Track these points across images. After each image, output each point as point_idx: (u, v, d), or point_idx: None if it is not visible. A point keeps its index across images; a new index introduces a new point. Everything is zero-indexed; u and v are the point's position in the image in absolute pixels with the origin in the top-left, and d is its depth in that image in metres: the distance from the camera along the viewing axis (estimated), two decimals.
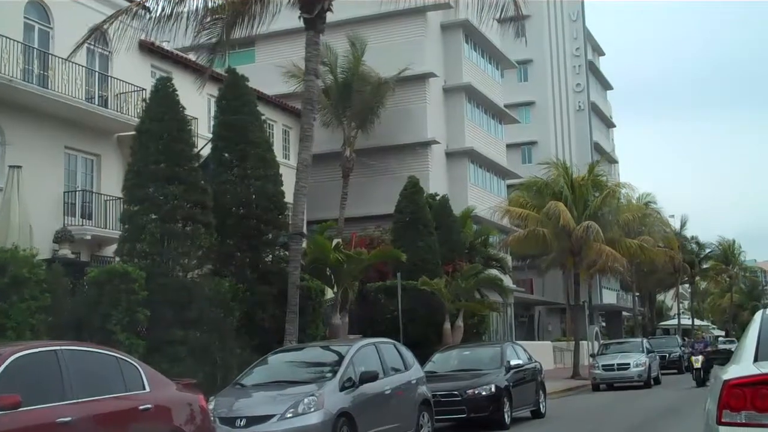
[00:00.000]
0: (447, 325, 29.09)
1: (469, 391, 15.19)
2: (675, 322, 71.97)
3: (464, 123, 42.41)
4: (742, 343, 5.98)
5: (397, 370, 12.34)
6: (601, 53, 74.22)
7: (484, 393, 15.22)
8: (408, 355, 13.03)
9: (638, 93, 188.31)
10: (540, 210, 35.19)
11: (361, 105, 36.99)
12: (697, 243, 71.87)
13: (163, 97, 19.48)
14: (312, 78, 17.38)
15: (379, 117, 37.57)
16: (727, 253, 76.46)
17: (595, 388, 29.21)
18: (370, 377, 11.10)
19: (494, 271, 38.08)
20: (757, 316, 6.28)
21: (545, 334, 59.63)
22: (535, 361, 18.99)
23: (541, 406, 17.95)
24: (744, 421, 5.04)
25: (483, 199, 42.49)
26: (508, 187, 48.52)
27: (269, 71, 38.52)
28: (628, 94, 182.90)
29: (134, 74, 28.13)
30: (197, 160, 20.89)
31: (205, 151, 22.95)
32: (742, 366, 5.46)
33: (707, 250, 74.37)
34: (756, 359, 5.49)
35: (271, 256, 21.83)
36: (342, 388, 10.73)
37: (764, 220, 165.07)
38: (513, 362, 16.51)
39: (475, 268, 29.64)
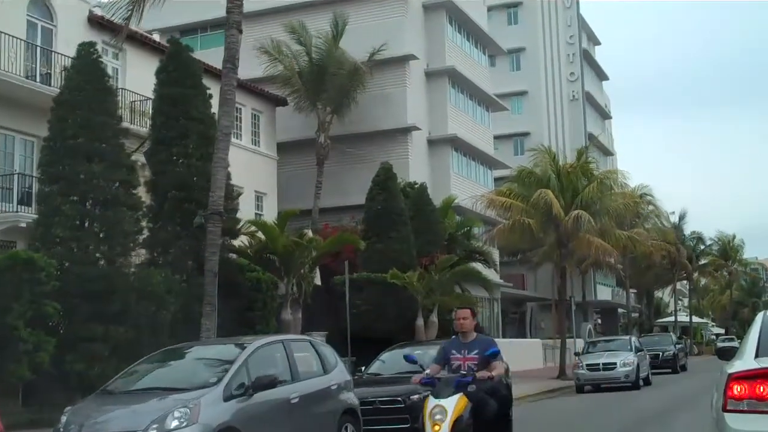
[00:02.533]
0: (419, 322, 27.04)
1: (414, 397, 12.90)
2: (673, 319, 69.91)
3: (447, 109, 40.21)
4: (745, 341, 6.62)
5: (312, 373, 10.21)
6: (596, 42, 71.96)
7: None
8: (329, 354, 10.86)
9: (640, 91, 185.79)
10: (527, 200, 32.91)
11: (336, 88, 34.87)
12: (699, 238, 69.71)
13: (85, 65, 17.44)
14: (234, 32, 15.25)
15: (355, 101, 35.46)
16: (727, 249, 74.21)
17: (579, 389, 27.01)
18: (266, 383, 8.96)
19: (477, 265, 36.03)
20: (759, 317, 6.91)
21: (537, 331, 57.51)
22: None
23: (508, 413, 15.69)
24: (746, 409, 5.73)
25: (468, 189, 40.29)
26: (499, 180, 46.30)
27: (242, 54, 36.19)
28: (630, 92, 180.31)
29: None
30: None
31: None
32: (745, 361, 6.12)
33: (703, 246, 72.11)
34: (757, 355, 6.15)
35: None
36: (229, 397, 8.59)
37: (766, 219, 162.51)
38: None
39: (450, 260, 27.51)
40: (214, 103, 25.56)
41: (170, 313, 18.00)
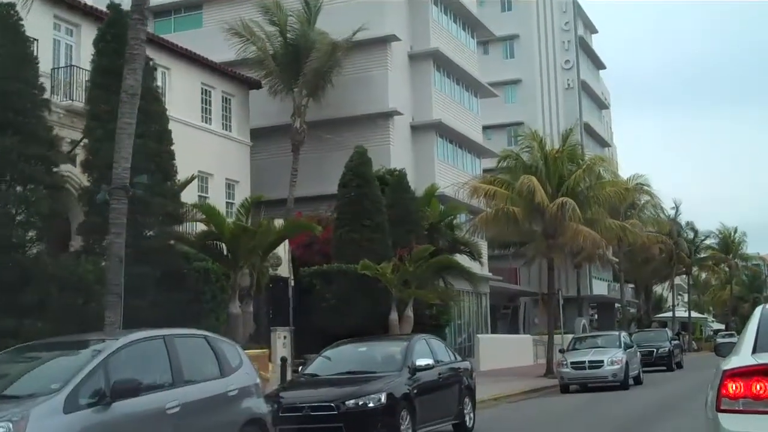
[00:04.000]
0: (393, 316, 25.20)
1: (350, 402, 11.08)
2: (671, 314, 68.06)
3: (431, 93, 38.29)
4: (742, 336, 6.25)
5: (204, 376, 8.37)
6: (593, 30, 69.95)
7: (370, 404, 11.08)
8: (232, 354, 9.00)
9: (641, 88, 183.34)
10: (512, 187, 31.04)
11: (312, 71, 33.00)
12: (693, 229, 67.69)
13: (1, 28, 15.58)
14: None
15: (332, 84, 33.61)
16: (728, 242, 72.26)
17: (564, 389, 25.13)
18: (129, 388, 7.14)
19: (462, 257, 34.22)
20: (757, 311, 6.56)
21: (531, 327, 55.69)
22: (462, 360, 14.86)
23: (467, 418, 13.80)
24: (741, 408, 5.36)
25: (454, 178, 38.27)
26: (490, 170, 44.35)
27: (217, 37, 34.57)
28: (631, 89, 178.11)
29: (32, 25, 24.03)
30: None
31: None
32: (741, 357, 5.79)
33: (703, 238, 70.19)
34: (754, 351, 5.81)
35: (155, 230, 17.94)
36: (74, 408, 6.77)
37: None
38: (420, 362, 12.35)
39: (427, 250, 25.63)
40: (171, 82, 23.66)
41: (101, 305, 16.13)
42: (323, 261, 28.27)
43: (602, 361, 24.51)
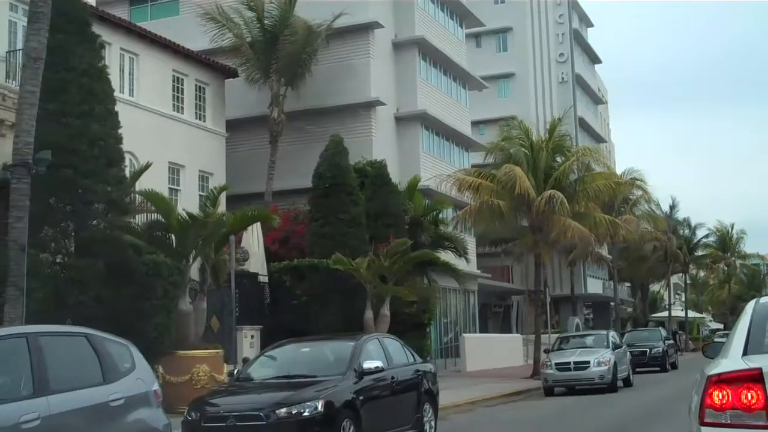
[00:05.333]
0: (369, 314, 23.79)
1: (281, 411, 9.63)
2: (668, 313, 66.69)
3: (417, 83, 36.84)
4: (732, 335, 5.52)
5: (81, 383, 6.98)
6: (589, 24, 68.50)
7: (305, 413, 9.64)
8: (121, 356, 7.58)
9: (641, 87, 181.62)
10: (497, 180, 29.63)
11: (290, 57, 31.59)
12: (689, 225, 66.25)
13: None
14: None
15: (311, 72, 32.19)
16: (725, 239, 70.84)
17: (548, 391, 23.67)
18: None
19: (447, 253, 32.84)
20: (749, 307, 5.78)
21: (524, 326, 54.33)
22: (422, 362, 13.37)
23: (427, 427, 12.34)
24: (728, 422, 4.67)
25: (440, 171, 36.79)
26: (482, 166, 42.95)
27: (194, 25, 33.17)
28: (631, 88, 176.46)
29: None
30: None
31: None
32: (730, 360, 5.08)
33: (702, 236, 68.81)
34: (745, 352, 5.08)
35: (98, 219, 16.54)
36: None
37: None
38: (369, 365, 10.88)
39: (404, 244, 24.21)
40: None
41: (36, 300, 14.76)
42: (300, 256, 26.92)
43: (588, 362, 23.07)
